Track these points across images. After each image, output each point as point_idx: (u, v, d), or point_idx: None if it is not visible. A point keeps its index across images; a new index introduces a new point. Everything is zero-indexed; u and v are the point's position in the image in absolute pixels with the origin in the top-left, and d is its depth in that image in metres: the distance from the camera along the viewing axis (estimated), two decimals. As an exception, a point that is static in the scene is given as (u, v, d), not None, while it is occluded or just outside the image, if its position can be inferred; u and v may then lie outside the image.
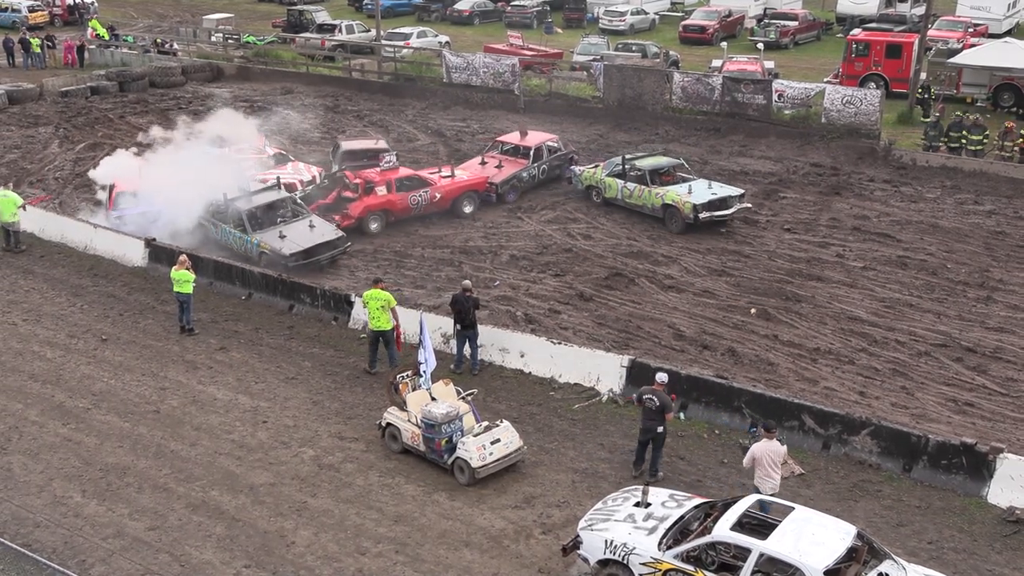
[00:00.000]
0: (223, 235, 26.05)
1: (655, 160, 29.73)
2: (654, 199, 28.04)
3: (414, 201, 28.37)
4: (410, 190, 28.34)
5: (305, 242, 25.09)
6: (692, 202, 27.19)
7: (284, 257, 24.64)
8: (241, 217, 25.66)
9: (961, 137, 33.28)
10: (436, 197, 28.67)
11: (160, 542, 15.55)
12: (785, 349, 21.27)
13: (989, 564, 14.85)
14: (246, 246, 25.39)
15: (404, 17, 63.97)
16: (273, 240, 25.11)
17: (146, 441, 18.30)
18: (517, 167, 30.86)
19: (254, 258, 25.13)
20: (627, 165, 29.16)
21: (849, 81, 40.91)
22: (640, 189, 28.42)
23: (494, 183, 29.97)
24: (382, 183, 28.12)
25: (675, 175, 28.85)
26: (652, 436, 16.79)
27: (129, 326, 22.96)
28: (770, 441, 15.26)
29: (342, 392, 19.93)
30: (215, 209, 26.23)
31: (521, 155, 31.39)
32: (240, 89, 46.36)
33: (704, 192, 27.73)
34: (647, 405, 16.70)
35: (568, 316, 22.77)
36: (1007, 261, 25.66)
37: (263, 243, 25.03)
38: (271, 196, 26.53)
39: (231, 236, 25.83)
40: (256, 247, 25.10)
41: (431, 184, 28.74)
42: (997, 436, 17.63)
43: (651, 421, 16.68)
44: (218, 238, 26.19)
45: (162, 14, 69.37)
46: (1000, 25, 52.26)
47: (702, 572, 13.30)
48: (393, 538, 15.57)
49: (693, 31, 55.51)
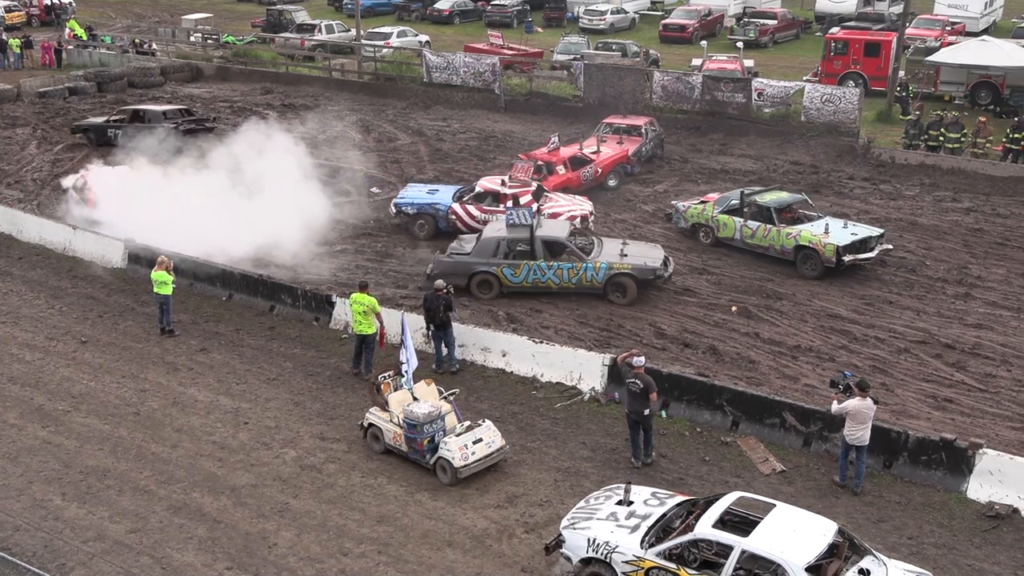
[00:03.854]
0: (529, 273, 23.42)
1: (777, 196, 26.58)
2: (785, 240, 25.00)
3: (584, 177, 30.03)
4: (580, 167, 30.13)
5: (655, 257, 23.58)
6: (834, 244, 24.21)
7: (654, 270, 23.07)
8: (562, 244, 23.43)
9: (940, 135, 33.49)
10: (598, 172, 30.59)
11: (141, 544, 15.48)
12: (766, 347, 21.34)
13: (969, 559, 14.94)
14: (583, 274, 23.13)
15: (384, 17, 63.89)
16: (620, 259, 23.25)
17: (126, 443, 18.20)
18: (636, 143, 32.90)
19: (589, 284, 23.23)
20: (745, 201, 26.17)
21: (828, 79, 41.11)
22: (765, 228, 25.30)
23: (629, 155, 31.98)
24: (560, 163, 29.74)
25: (798, 212, 25.96)
26: (640, 419, 17.06)
27: (109, 328, 22.84)
28: (864, 400, 16.06)
29: (324, 393, 19.88)
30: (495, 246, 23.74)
31: (633, 133, 33.40)
32: (219, 89, 46.23)
33: (843, 232, 24.68)
34: (631, 389, 16.99)
35: (550, 315, 22.78)
36: (985, 258, 25.82)
37: (617, 264, 23.10)
38: (565, 225, 24.72)
39: (543, 270, 23.32)
40: (604, 270, 23.01)
41: (592, 161, 30.55)
42: (976, 432, 17.74)
43: (637, 404, 16.98)
44: (517, 278, 23.46)
45: (140, 14, 69.05)
46: (977, 23, 52.61)
47: (684, 570, 13.34)
48: (376, 538, 15.54)
49: (673, 30, 55.69)
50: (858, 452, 16.40)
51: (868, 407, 16.12)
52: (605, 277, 23.05)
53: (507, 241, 23.52)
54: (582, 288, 23.24)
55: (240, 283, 23.88)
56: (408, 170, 33.28)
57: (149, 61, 50.03)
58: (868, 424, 16.15)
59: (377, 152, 35.23)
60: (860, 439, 16.20)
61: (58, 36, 54.59)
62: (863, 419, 16.10)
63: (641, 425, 17.21)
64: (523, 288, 23.39)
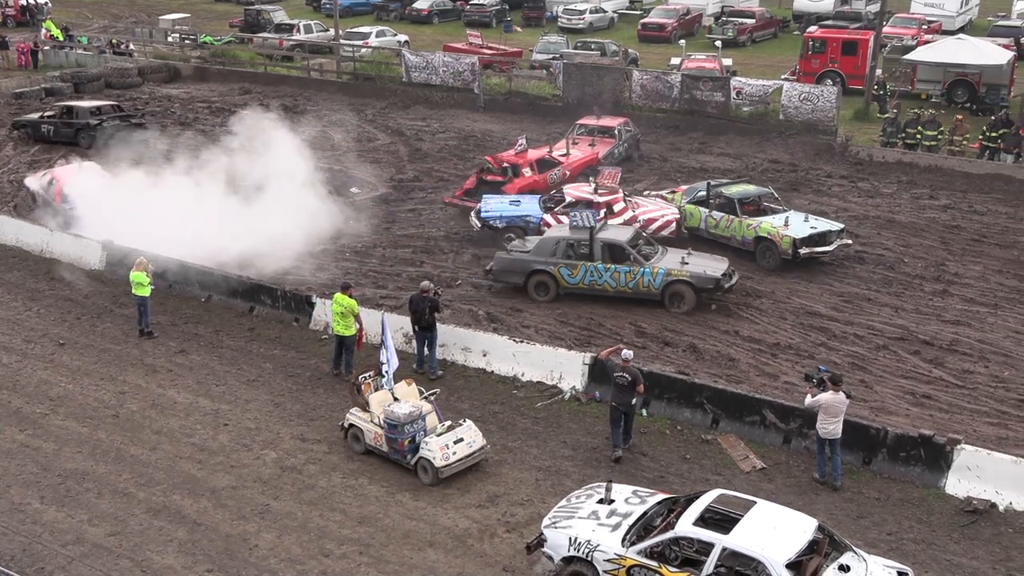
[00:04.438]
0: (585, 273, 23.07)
1: (743, 188, 27.11)
2: (746, 231, 25.53)
3: (551, 180, 29.68)
4: (547, 169, 29.89)
5: (717, 267, 23.04)
6: (791, 236, 24.73)
7: (713, 280, 22.52)
8: (622, 248, 23.08)
9: (917, 133, 33.71)
10: (566, 174, 30.23)
11: (121, 548, 15.39)
12: (746, 344, 21.41)
13: (947, 554, 15.04)
14: (640, 278, 22.72)
15: (363, 16, 63.75)
16: (680, 267, 22.83)
17: (105, 446, 18.10)
18: (608, 145, 32.89)
19: (639, 290, 22.86)
20: (712, 192, 26.75)
21: (806, 78, 41.27)
22: (728, 219, 25.84)
23: (601, 157, 31.67)
24: (526, 165, 29.40)
25: (763, 205, 26.41)
26: (627, 411, 17.35)
27: (87, 330, 22.71)
28: (836, 394, 16.19)
29: (304, 394, 19.83)
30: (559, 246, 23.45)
31: (606, 135, 33.34)
32: (197, 90, 46.03)
33: (802, 225, 25.17)
34: (618, 382, 17.21)
35: (530, 314, 22.79)
36: (962, 255, 25.99)
37: (676, 271, 22.65)
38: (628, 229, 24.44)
39: (602, 272, 22.95)
40: (662, 276, 22.59)
41: (560, 163, 30.36)
42: (954, 428, 17.85)
43: (624, 396, 17.24)
44: (573, 279, 23.17)
45: (117, 14, 68.65)
46: (954, 22, 52.98)
47: (666, 568, 13.37)
48: (357, 539, 15.51)
49: (652, 29, 55.82)
50: (832, 446, 16.50)
51: (841, 401, 16.24)
52: (662, 283, 22.63)
53: (567, 241, 23.33)
54: (638, 293, 22.86)
55: (220, 284, 23.77)
56: (387, 170, 33.23)
57: (126, 62, 49.76)
58: (840, 418, 16.28)
59: (356, 152, 35.15)
60: (832, 432, 16.31)
61: (34, 37, 54.22)
62: (835, 413, 16.22)
63: (625, 416, 17.48)
64: (579, 290, 23.17)
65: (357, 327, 19.98)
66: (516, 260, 23.64)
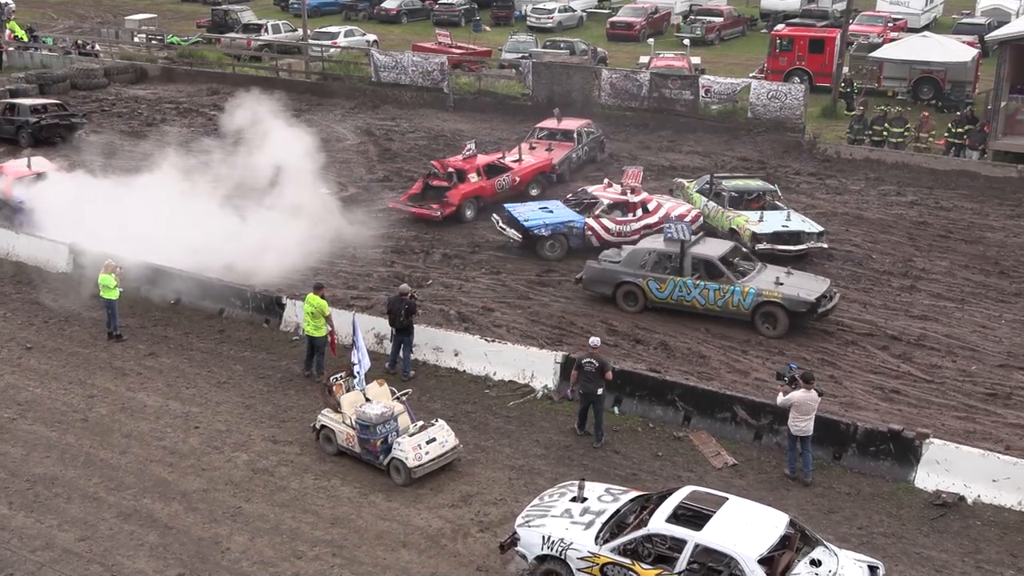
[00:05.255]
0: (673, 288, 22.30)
1: (743, 183, 27.78)
2: (724, 222, 26.24)
3: (499, 186, 29.26)
4: (495, 175, 29.29)
5: (814, 289, 21.79)
6: (753, 230, 25.13)
7: (807, 303, 21.27)
8: (714, 264, 22.18)
9: (884, 130, 34.00)
10: (516, 180, 29.75)
11: (91, 553, 15.26)
12: (716, 342, 21.51)
13: (917, 547, 15.17)
14: (730, 297, 21.79)
15: (331, 16, 63.48)
16: (774, 287, 21.68)
17: (74, 450, 17.94)
18: (566, 149, 32.22)
19: (728, 310, 21.92)
20: (714, 183, 27.52)
21: (774, 76, 41.53)
22: (717, 210, 26.63)
23: (554, 164, 31.13)
24: (472, 170, 28.83)
25: (765, 201, 26.58)
26: (594, 399, 17.56)
27: (55, 333, 22.51)
28: (808, 392, 16.28)
29: (275, 395, 19.74)
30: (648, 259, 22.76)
31: (564, 139, 32.71)
32: (165, 91, 45.72)
33: (775, 222, 25.40)
34: (587, 369, 17.47)
35: (501, 314, 22.79)
36: (929, 251, 26.23)
37: (767, 291, 21.56)
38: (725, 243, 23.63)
39: (691, 287, 22.12)
40: (752, 296, 21.58)
41: (509, 169, 29.77)
42: (923, 422, 18.01)
43: (591, 384, 17.49)
44: (662, 293, 22.43)
45: (83, 15, 68.03)
46: (919, 20, 53.51)
47: (639, 565, 13.41)
48: (330, 541, 15.46)
49: (620, 28, 56.00)
50: (803, 443, 16.61)
51: (812, 399, 16.35)
52: (752, 304, 21.56)
53: (657, 254, 22.66)
54: (727, 312, 21.89)
55: (189, 286, 23.60)
56: (357, 170, 33.14)
57: (92, 62, 49.34)
58: (812, 416, 16.38)
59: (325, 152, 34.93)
60: (804, 430, 16.42)
61: (-2, 38, 53.69)
62: (807, 410, 16.32)
63: (593, 406, 17.65)
64: (668, 304, 22.38)
65: (329, 329, 19.90)
66: (606, 270, 23.01)
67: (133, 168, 28.71)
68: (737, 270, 22.32)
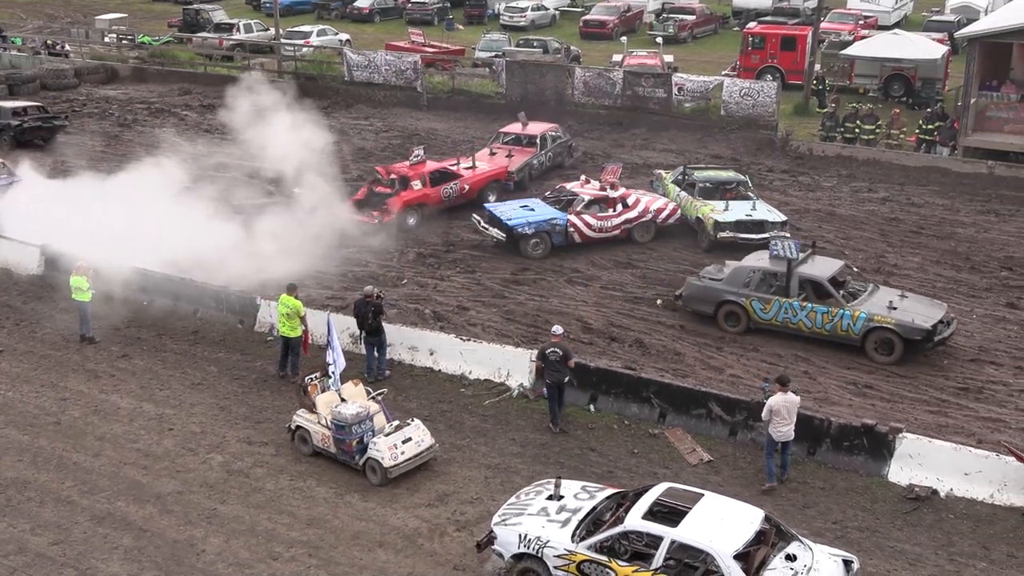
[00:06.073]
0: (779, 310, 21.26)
1: (715, 173, 28.20)
2: (691, 210, 26.64)
3: (446, 193, 28.64)
4: (442, 183, 28.62)
5: (930, 315, 20.60)
6: (715, 219, 25.47)
7: (923, 331, 20.06)
8: (822, 285, 21.10)
9: (855, 127, 34.24)
10: (465, 188, 29.08)
11: (64, 556, 15.14)
12: (691, 338, 21.58)
13: (891, 541, 15.28)
14: (839, 321, 20.66)
15: (303, 15, 63.29)
16: (887, 311, 20.52)
17: (47, 453, 17.79)
18: (527, 155, 31.45)
19: (838, 334, 20.78)
20: (686, 174, 28.03)
21: (746, 74, 41.74)
22: (687, 200, 27.04)
23: (511, 171, 30.39)
24: (416, 177, 28.16)
25: (737, 191, 26.99)
26: (561, 387, 17.93)
27: (26, 336, 22.31)
28: (785, 394, 16.18)
29: (250, 396, 19.65)
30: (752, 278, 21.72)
31: (527, 144, 31.96)
32: (136, 91, 45.43)
33: (738, 212, 25.73)
34: (551, 358, 17.83)
35: (476, 313, 22.78)
36: (901, 247, 26.42)
37: (879, 316, 20.40)
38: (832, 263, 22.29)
39: (796, 310, 21.04)
40: (862, 321, 20.47)
41: (459, 176, 29.10)
42: (896, 416, 18.14)
43: (558, 373, 17.83)
44: (766, 314, 21.40)
45: (52, 15, 67.47)
46: (889, 17, 53.88)
47: (616, 562, 13.44)
48: (306, 542, 15.41)
49: (593, 26, 56.15)
50: (784, 448, 16.55)
51: (791, 401, 16.30)
52: (863, 329, 20.42)
53: (762, 273, 21.57)
54: (836, 337, 20.75)
55: (162, 287, 23.44)
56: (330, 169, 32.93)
57: (62, 63, 49.01)
58: (793, 419, 16.31)
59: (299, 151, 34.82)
60: (786, 435, 16.33)
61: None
62: (787, 414, 16.23)
63: (560, 394, 18.03)
64: (772, 326, 21.35)
65: (303, 329, 19.84)
66: (707, 288, 22.06)
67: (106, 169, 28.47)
68: (847, 292, 21.32)
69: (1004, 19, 34.00)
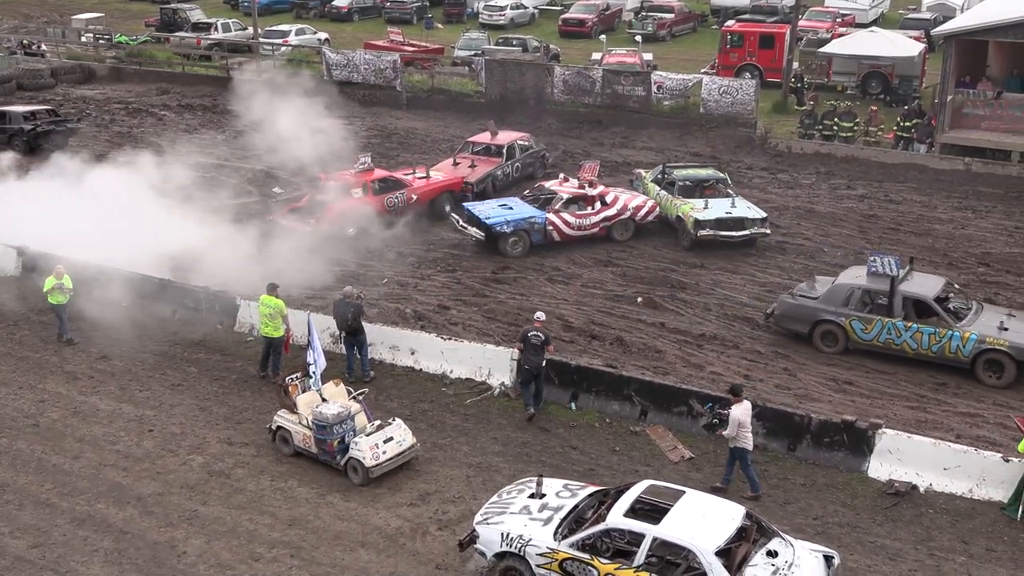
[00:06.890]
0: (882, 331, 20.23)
1: (694, 171, 28.29)
2: (671, 209, 26.74)
3: (390, 203, 27.68)
4: (386, 192, 27.74)
5: None
6: (695, 217, 25.57)
7: None
8: (928, 304, 20.15)
9: (834, 124, 34.40)
10: (413, 199, 28.19)
11: (44, 560, 15.06)
12: (672, 336, 21.64)
13: (872, 536, 15.37)
14: (947, 342, 19.71)
15: (281, 14, 63.03)
16: (998, 333, 19.53)
17: (25, 456, 17.68)
18: (491, 165, 30.48)
19: (949, 356, 19.81)
20: (665, 172, 28.04)
21: (725, 72, 41.86)
22: (667, 198, 27.09)
23: (470, 182, 29.54)
24: (357, 185, 27.34)
25: (716, 189, 27.07)
26: (539, 372, 18.24)
27: (3, 338, 22.15)
28: (742, 403, 15.99)
29: (230, 397, 19.57)
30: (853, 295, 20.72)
31: (494, 154, 31.05)
32: (114, 91, 45.17)
33: (718, 209, 25.78)
34: (532, 341, 18.10)
35: (457, 312, 22.77)
36: (879, 243, 26.51)
37: (991, 338, 19.43)
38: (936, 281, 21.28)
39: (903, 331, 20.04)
40: (973, 343, 19.51)
41: (407, 185, 28.27)
42: (875, 412, 18.24)
43: (537, 357, 18.19)
44: (867, 335, 20.39)
45: (28, 14, 66.95)
46: (867, 15, 54.19)
47: (598, 560, 13.46)
48: (288, 542, 15.36)
49: (572, 25, 56.21)
50: (745, 458, 16.10)
51: (748, 409, 16.08)
52: (973, 351, 19.46)
53: (863, 291, 20.55)
54: (943, 359, 19.80)
55: (141, 288, 23.30)
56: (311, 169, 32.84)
57: (39, 63, 48.68)
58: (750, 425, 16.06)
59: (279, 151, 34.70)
60: (751, 441, 16.03)
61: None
62: (749, 421, 15.97)
63: (536, 380, 18.28)
64: (873, 347, 20.37)
65: (286, 328, 19.77)
66: (802, 307, 21.07)
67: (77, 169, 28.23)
68: (952, 310, 20.39)
69: (979, 17, 34.22)
